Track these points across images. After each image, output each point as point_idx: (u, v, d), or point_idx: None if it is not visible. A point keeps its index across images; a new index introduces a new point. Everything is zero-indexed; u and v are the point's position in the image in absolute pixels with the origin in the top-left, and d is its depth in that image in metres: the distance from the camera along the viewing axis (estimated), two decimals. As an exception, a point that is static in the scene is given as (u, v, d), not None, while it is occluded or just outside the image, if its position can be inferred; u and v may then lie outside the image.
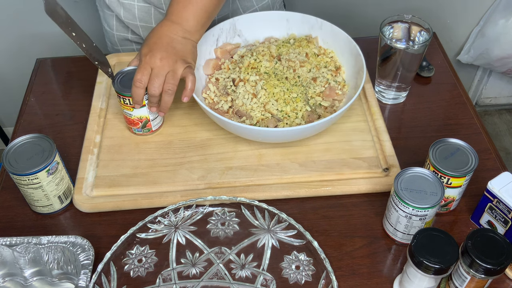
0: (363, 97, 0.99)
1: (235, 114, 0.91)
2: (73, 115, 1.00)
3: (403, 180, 0.74)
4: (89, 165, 0.89)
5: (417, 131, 0.95)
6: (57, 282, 0.78)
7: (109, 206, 0.84)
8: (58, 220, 0.84)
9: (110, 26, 1.13)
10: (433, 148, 0.78)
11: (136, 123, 0.90)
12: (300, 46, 0.98)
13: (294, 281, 0.75)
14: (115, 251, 0.77)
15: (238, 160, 0.89)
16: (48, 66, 1.11)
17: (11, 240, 0.76)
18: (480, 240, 0.66)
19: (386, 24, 0.94)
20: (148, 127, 0.91)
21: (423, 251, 0.65)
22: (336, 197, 0.85)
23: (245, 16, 1.01)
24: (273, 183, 0.85)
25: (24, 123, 0.99)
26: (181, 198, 0.83)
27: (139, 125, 0.91)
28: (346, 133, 0.92)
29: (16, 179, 0.78)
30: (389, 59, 0.93)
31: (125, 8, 1.06)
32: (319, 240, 0.77)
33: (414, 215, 0.73)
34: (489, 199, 0.76)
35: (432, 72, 1.05)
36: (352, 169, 0.87)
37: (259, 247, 0.79)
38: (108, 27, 1.14)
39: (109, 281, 0.75)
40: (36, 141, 0.80)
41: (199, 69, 0.97)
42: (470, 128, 0.95)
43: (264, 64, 0.94)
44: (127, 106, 0.87)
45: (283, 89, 0.90)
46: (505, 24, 1.70)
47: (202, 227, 0.82)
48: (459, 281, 0.69)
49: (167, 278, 0.76)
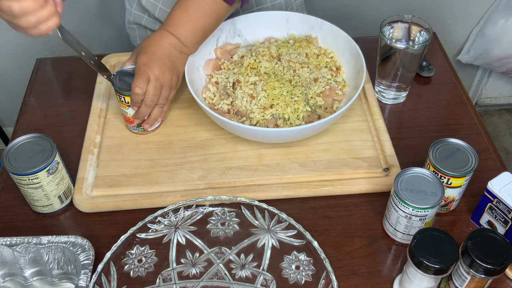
0: (363, 97, 0.99)
1: (235, 115, 0.91)
2: (73, 115, 1.00)
3: (403, 180, 0.74)
4: (89, 165, 0.89)
5: (417, 131, 0.95)
6: (57, 282, 0.78)
7: (109, 206, 0.84)
8: (58, 220, 0.84)
9: (130, 4, 1.13)
10: (433, 148, 0.78)
11: (131, 121, 0.91)
12: (300, 47, 0.98)
13: (294, 281, 0.75)
14: (115, 251, 0.77)
15: (238, 160, 0.89)
16: (48, 66, 1.11)
17: (11, 240, 0.76)
18: (480, 240, 0.66)
19: (386, 24, 0.94)
20: (143, 127, 0.92)
21: (423, 251, 0.65)
22: (336, 197, 0.85)
23: (245, 16, 1.01)
24: (273, 183, 0.85)
25: (24, 123, 0.99)
26: (181, 198, 0.83)
27: (134, 124, 0.91)
28: (346, 133, 0.92)
29: (16, 179, 0.78)
30: (389, 59, 0.94)
31: None
32: (319, 240, 0.77)
33: (414, 215, 0.73)
34: (489, 199, 0.76)
35: (432, 72, 1.05)
36: (352, 169, 0.87)
37: (259, 247, 0.79)
38: (129, 5, 1.14)
39: (109, 281, 0.75)
40: (36, 141, 0.80)
41: (199, 69, 0.97)
42: (470, 128, 0.95)
43: (264, 64, 0.94)
44: (123, 103, 0.88)
45: (283, 91, 0.90)
46: (505, 24, 1.70)
47: (202, 227, 0.82)
48: (459, 281, 0.69)
49: (167, 278, 0.76)
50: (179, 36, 0.88)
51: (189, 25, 0.88)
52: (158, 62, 0.86)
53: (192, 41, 0.90)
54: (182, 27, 0.88)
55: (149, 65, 0.85)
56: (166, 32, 0.88)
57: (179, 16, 0.88)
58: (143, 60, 0.86)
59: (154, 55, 0.86)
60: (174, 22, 0.89)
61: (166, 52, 0.87)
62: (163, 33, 0.88)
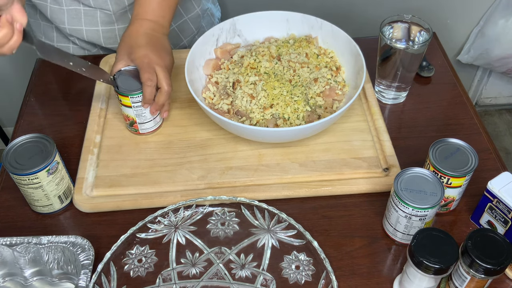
0: (363, 97, 0.99)
1: (235, 114, 0.91)
2: (73, 115, 1.00)
3: (403, 180, 0.74)
4: (89, 165, 0.89)
5: (417, 131, 0.95)
6: (57, 282, 0.78)
7: (109, 206, 0.84)
8: (58, 220, 0.84)
9: (49, 38, 1.14)
10: (433, 148, 0.78)
11: (125, 119, 0.92)
12: (300, 47, 0.98)
13: (294, 281, 0.75)
14: (115, 251, 0.77)
15: (238, 160, 0.89)
16: (48, 66, 1.11)
17: (11, 240, 0.76)
18: (480, 240, 0.66)
19: (386, 24, 0.94)
20: (135, 128, 0.92)
21: (423, 251, 0.65)
22: (336, 197, 0.85)
23: (245, 16, 1.01)
24: (273, 183, 0.85)
25: (24, 123, 0.99)
26: (181, 198, 0.83)
27: (128, 122, 0.92)
28: (346, 133, 0.92)
29: (16, 179, 0.78)
30: (389, 59, 0.94)
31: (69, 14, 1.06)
32: (319, 240, 0.77)
33: (414, 215, 0.73)
34: (489, 199, 0.76)
35: (432, 72, 1.05)
36: (352, 169, 0.87)
37: (259, 247, 0.79)
38: (47, 39, 1.14)
39: (109, 281, 0.75)
40: (36, 141, 0.80)
41: (199, 69, 0.97)
42: (470, 128, 0.95)
43: (264, 64, 0.94)
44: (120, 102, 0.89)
45: (283, 91, 0.90)
46: (505, 24, 1.71)
47: (202, 227, 0.82)
48: (459, 281, 0.69)
49: (167, 278, 0.76)
50: (158, 20, 0.91)
51: (163, 4, 0.91)
52: (154, 50, 0.88)
53: (169, 18, 0.93)
54: (157, 9, 0.91)
55: (149, 55, 0.86)
56: (143, 20, 0.90)
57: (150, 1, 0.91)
58: (141, 53, 0.87)
59: (148, 45, 0.88)
60: (146, 8, 0.91)
61: (154, 38, 0.89)
62: (141, 22, 0.90)
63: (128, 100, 0.87)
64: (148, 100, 0.87)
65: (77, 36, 1.10)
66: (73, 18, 1.06)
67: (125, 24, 1.09)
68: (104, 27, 1.08)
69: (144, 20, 0.90)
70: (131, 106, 0.88)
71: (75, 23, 1.07)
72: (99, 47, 1.14)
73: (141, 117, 0.90)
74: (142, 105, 0.88)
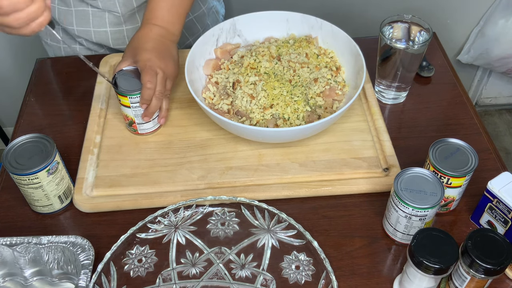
0: (363, 97, 0.99)
1: (235, 115, 0.91)
2: (73, 115, 1.00)
3: (403, 180, 0.74)
4: (89, 165, 0.89)
5: (417, 131, 0.95)
6: (57, 282, 0.78)
7: (109, 206, 0.84)
8: (58, 220, 0.84)
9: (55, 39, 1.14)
10: (433, 148, 0.78)
11: (124, 118, 0.92)
12: (300, 47, 0.98)
13: (294, 281, 0.75)
14: (115, 251, 0.77)
15: (238, 160, 0.89)
16: (48, 66, 1.11)
17: (11, 240, 0.76)
18: (480, 240, 0.66)
19: (386, 24, 0.94)
20: (134, 128, 0.92)
21: (423, 251, 0.65)
22: (336, 197, 0.85)
23: (245, 16, 1.01)
24: (273, 183, 0.85)
25: (24, 123, 0.99)
26: (181, 198, 0.83)
27: (127, 122, 0.92)
28: (346, 133, 0.92)
29: (16, 179, 0.78)
30: (389, 59, 0.94)
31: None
32: (319, 240, 0.77)
33: (414, 215, 0.73)
34: (489, 199, 0.76)
35: (432, 72, 1.05)
36: (352, 169, 0.87)
37: (259, 247, 0.79)
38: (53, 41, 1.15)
39: (109, 281, 0.75)
40: (36, 141, 0.80)
41: (199, 69, 0.97)
42: (470, 128, 0.95)
43: (264, 64, 0.94)
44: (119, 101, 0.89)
45: (283, 91, 0.90)
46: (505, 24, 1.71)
47: (202, 227, 0.82)
48: (459, 281, 0.69)
49: (167, 278, 0.76)
50: (167, 26, 0.91)
51: (172, 10, 0.91)
52: (159, 55, 0.88)
53: (179, 26, 0.93)
54: (167, 15, 0.91)
55: (153, 60, 0.87)
56: (153, 25, 0.90)
57: (160, 6, 0.91)
58: (145, 56, 0.87)
59: (154, 50, 0.88)
60: (156, 14, 0.91)
61: (161, 44, 0.90)
62: (151, 27, 0.90)
63: (127, 100, 0.87)
64: (146, 101, 0.87)
65: (85, 37, 1.10)
66: (81, 19, 1.06)
67: (133, 25, 1.09)
68: (112, 28, 1.08)
69: (154, 25, 0.91)
70: (130, 106, 0.88)
71: (83, 24, 1.07)
72: (106, 48, 1.14)
73: (140, 118, 0.90)
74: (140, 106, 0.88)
